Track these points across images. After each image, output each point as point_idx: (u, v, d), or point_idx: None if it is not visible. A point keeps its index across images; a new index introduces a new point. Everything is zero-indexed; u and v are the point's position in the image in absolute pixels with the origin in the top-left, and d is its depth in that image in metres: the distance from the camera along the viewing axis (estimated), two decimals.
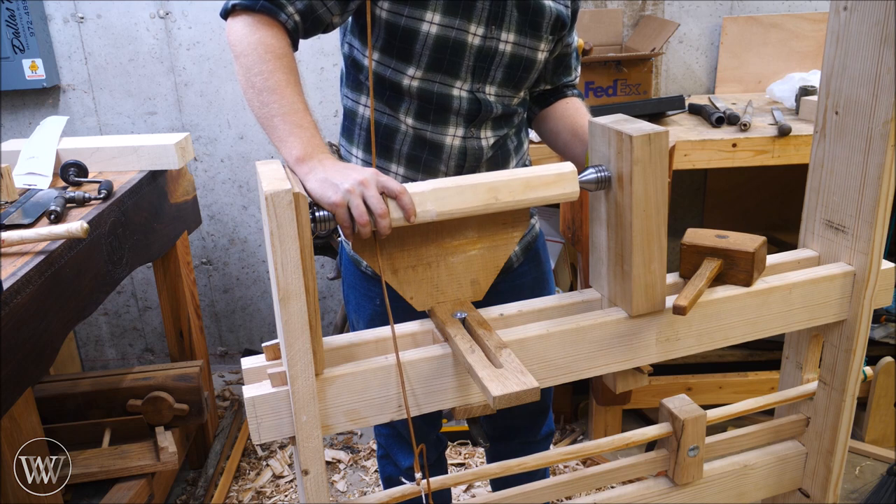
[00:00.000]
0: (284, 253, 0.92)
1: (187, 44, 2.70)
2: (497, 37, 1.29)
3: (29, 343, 1.50)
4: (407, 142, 1.34)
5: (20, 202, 1.86)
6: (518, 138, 1.46)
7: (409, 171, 1.36)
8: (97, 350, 3.14)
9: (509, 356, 0.96)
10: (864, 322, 1.26)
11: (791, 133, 2.05)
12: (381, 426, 1.68)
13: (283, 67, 1.12)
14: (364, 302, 1.49)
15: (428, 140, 1.33)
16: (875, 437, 2.38)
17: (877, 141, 1.14)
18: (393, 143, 1.35)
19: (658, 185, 1.06)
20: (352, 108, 1.39)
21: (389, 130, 1.34)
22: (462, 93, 1.31)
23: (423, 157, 1.34)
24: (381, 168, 1.36)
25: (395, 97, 1.32)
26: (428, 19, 1.25)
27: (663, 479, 1.32)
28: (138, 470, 1.96)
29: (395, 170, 1.36)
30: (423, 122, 1.32)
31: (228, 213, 2.95)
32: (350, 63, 1.37)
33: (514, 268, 1.51)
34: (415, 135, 1.33)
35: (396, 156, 1.35)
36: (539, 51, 1.35)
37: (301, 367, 0.96)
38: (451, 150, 1.34)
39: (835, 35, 1.18)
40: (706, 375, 2.46)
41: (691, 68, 2.76)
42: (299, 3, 1.18)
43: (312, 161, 1.05)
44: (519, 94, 1.40)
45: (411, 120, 1.32)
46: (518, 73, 1.35)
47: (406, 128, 1.33)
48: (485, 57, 1.30)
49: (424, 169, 1.35)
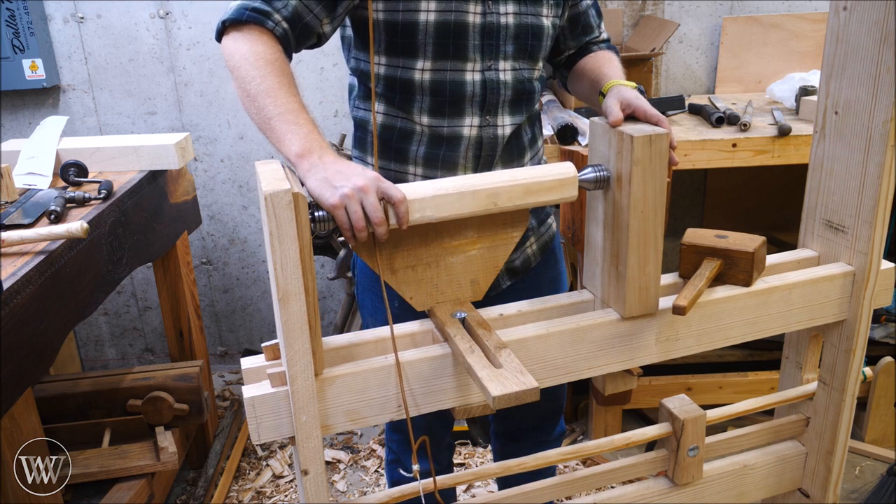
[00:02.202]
0: (284, 253, 0.92)
1: (187, 44, 2.70)
2: (497, 10, 1.28)
3: (29, 343, 1.50)
4: (423, 142, 1.33)
5: (20, 202, 1.86)
6: (532, 131, 1.44)
7: (428, 171, 1.35)
8: (97, 350, 3.14)
9: (509, 356, 0.96)
10: (864, 322, 1.26)
11: (791, 133, 2.05)
12: (393, 432, 1.68)
13: (275, 71, 1.13)
14: (381, 304, 1.47)
15: (445, 136, 1.33)
16: (875, 437, 2.38)
17: (876, 141, 1.14)
18: (409, 145, 1.34)
19: (657, 187, 1.06)
20: (364, 117, 1.39)
21: (404, 133, 1.34)
22: (475, 76, 1.30)
23: (440, 155, 1.34)
24: (399, 172, 1.35)
25: (407, 98, 1.31)
26: (424, 8, 1.25)
27: (663, 479, 1.32)
28: (138, 470, 1.95)
29: (413, 171, 1.35)
30: (438, 118, 1.32)
31: (228, 213, 2.95)
32: (359, 75, 1.37)
33: (532, 267, 1.50)
34: (431, 133, 1.33)
35: (413, 158, 1.35)
36: (543, 16, 1.34)
37: (300, 367, 0.96)
38: (469, 141, 1.33)
39: (834, 35, 1.18)
40: (706, 375, 2.46)
41: (691, 68, 2.76)
42: (285, 10, 1.18)
43: (312, 157, 1.05)
44: (536, 65, 1.38)
45: (426, 118, 1.32)
46: (529, 42, 1.33)
47: (421, 128, 1.33)
48: (490, 33, 1.29)
49: (443, 166, 1.35)
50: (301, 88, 1.14)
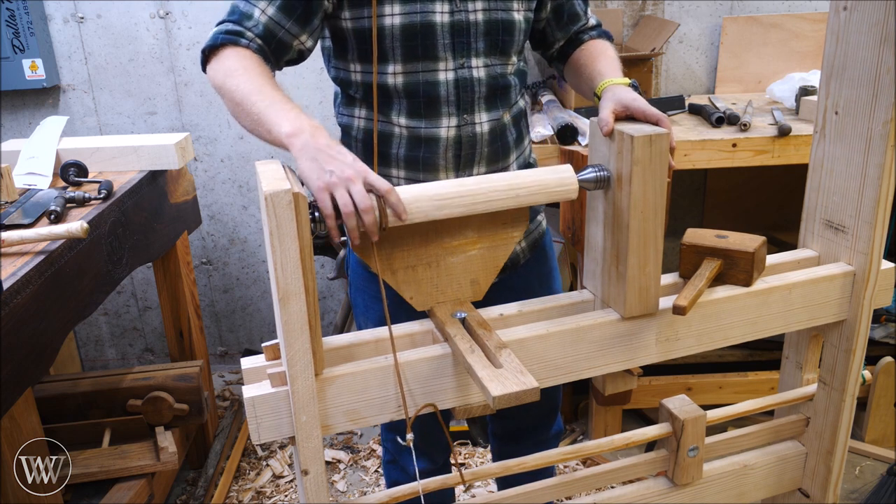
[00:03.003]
0: (284, 253, 0.92)
1: (187, 44, 2.70)
2: (465, 8, 1.28)
3: (29, 343, 1.50)
4: (403, 144, 1.34)
5: (20, 202, 1.86)
6: (517, 130, 1.43)
7: (410, 173, 1.35)
8: (97, 350, 3.14)
9: (509, 356, 0.96)
10: (864, 322, 1.26)
11: (791, 133, 2.05)
12: (389, 431, 1.68)
13: (256, 74, 1.15)
14: (372, 304, 1.48)
15: (423, 137, 1.33)
16: (875, 437, 2.38)
17: (876, 141, 1.14)
18: (390, 147, 1.35)
19: (657, 187, 1.06)
20: (347, 122, 1.40)
21: (384, 136, 1.34)
22: (448, 74, 1.30)
23: (420, 156, 1.34)
24: (382, 174, 1.35)
25: (386, 101, 1.32)
26: (388, 12, 1.25)
27: (663, 480, 1.32)
28: (138, 470, 1.95)
29: (396, 174, 1.36)
30: (415, 120, 1.32)
31: (228, 213, 2.95)
32: (340, 83, 1.39)
33: (521, 263, 1.50)
34: (409, 135, 1.33)
35: (395, 160, 1.35)
36: (514, 11, 1.33)
37: (300, 367, 0.96)
38: (447, 142, 1.33)
39: (834, 35, 1.18)
40: (706, 375, 2.46)
41: (691, 68, 2.76)
42: (256, 28, 1.21)
43: (304, 135, 1.04)
44: (510, 60, 1.37)
45: (404, 120, 1.32)
46: (500, 38, 1.33)
47: (400, 129, 1.33)
48: (460, 31, 1.29)
49: (424, 168, 1.35)
50: (301, 88, 1.15)
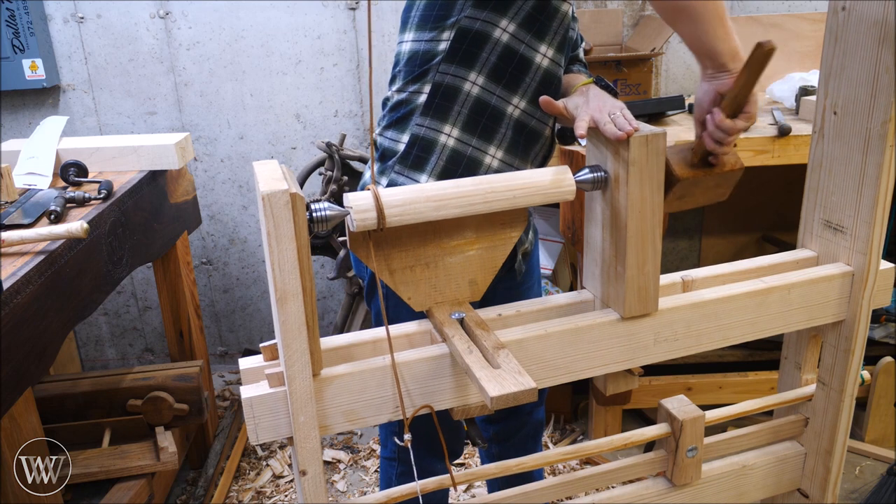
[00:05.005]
0: (281, 253, 0.91)
1: (187, 44, 2.71)
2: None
3: (29, 343, 1.50)
4: (469, 104, 1.35)
5: (20, 202, 1.86)
6: None
7: (465, 135, 1.36)
8: (97, 350, 3.14)
9: (507, 357, 0.96)
10: (863, 322, 1.26)
11: (791, 133, 2.05)
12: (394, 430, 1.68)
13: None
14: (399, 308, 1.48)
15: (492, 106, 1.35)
16: (875, 437, 2.38)
17: (875, 141, 1.14)
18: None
19: (654, 187, 1.06)
20: (453, 83, 1.35)
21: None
22: (545, 60, 1.37)
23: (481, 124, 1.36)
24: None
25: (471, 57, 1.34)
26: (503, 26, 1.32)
27: (662, 480, 1.32)
28: (138, 470, 1.96)
29: (449, 132, 1.36)
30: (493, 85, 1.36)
31: (228, 213, 2.95)
32: (462, 35, 1.34)
33: (518, 278, 1.53)
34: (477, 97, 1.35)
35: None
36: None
37: (298, 367, 0.96)
38: (510, 120, 1.37)
39: (833, 35, 1.18)
40: (706, 375, 2.46)
41: (691, 68, 2.76)
42: None
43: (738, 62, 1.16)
44: None
45: (482, 80, 1.34)
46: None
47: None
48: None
49: (482, 134, 1.37)
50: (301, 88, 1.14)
